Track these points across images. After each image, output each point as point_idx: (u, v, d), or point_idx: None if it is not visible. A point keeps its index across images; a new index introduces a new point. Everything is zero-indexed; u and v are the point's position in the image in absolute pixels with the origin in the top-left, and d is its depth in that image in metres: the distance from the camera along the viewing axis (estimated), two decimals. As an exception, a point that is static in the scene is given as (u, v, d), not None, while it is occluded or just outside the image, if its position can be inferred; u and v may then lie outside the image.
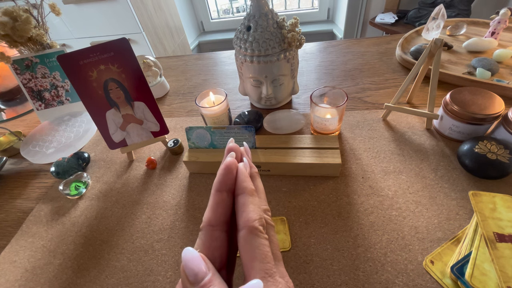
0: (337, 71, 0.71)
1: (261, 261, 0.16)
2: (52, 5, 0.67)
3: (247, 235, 0.17)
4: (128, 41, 0.43)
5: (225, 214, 0.19)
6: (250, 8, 0.49)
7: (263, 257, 0.16)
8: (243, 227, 0.17)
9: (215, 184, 0.19)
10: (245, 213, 0.18)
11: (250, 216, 0.18)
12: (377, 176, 0.43)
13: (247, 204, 0.18)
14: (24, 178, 0.57)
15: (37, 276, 0.39)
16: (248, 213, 0.18)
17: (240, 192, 0.19)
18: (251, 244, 0.17)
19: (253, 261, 0.16)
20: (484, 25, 0.77)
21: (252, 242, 0.17)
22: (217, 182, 0.19)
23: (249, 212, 0.18)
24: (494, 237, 0.31)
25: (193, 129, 0.46)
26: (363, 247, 0.35)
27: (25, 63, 0.65)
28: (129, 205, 0.46)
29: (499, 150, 0.38)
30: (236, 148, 0.22)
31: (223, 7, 2.29)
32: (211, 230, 0.18)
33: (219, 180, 0.19)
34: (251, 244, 0.17)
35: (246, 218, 0.18)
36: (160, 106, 0.70)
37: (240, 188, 0.19)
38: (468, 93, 0.44)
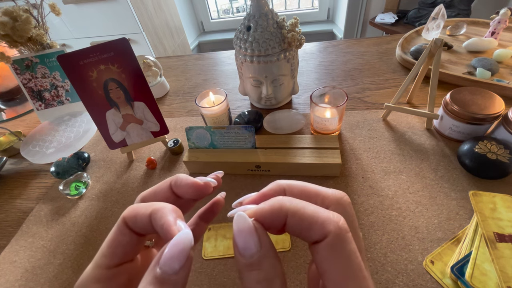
0: (337, 71, 0.71)
1: (354, 278, 0.12)
2: (52, 5, 0.67)
3: (333, 243, 0.12)
4: (128, 41, 0.43)
5: None
6: (250, 8, 0.49)
7: (356, 269, 0.12)
8: (325, 235, 0.12)
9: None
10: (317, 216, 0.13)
11: (328, 215, 0.13)
12: (377, 176, 0.43)
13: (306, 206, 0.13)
14: (24, 178, 0.57)
15: (37, 276, 0.39)
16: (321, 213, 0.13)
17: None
18: (339, 254, 0.12)
19: (347, 280, 0.12)
20: (484, 25, 0.77)
21: (341, 251, 0.12)
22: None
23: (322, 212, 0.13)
24: (494, 237, 0.31)
25: (193, 129, 0.46)
26: (363, 247, 0.35)
27: (25, 63, 0.65)
28: (129, 205, 0.46)
29: (499, 150, 0.38)
30: None
31: (223, 7, 2.29)
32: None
33: None
34: (340, 253, 0.12)
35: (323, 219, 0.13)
36: (160, 106, 0.70)
37: None
38: (468, 93, 0.44)
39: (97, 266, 0.15)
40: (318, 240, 0.12)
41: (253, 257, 0.12)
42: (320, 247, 0.12)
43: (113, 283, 0.15)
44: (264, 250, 0.12)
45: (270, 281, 0.12)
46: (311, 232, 0.13)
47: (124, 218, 0.15)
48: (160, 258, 0.12)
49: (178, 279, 0.12)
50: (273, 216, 0.13)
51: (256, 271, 0.12)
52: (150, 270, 0.12)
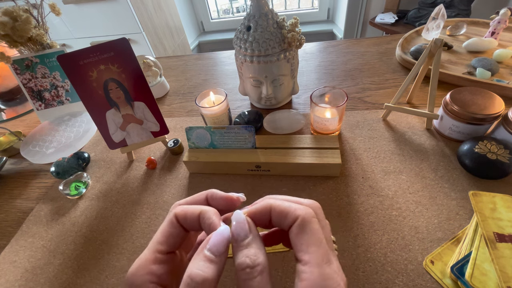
0: (337, 71, 0.71)
1: (318, 247, 0.16)
2: (52, 5, 0.67)
3: (301, 224, 0.17)
4: (128, 41, 0.43)
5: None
6: (250, 8, 0.49)
7: (319, 242, 0.16)
8: (294, 219, 0.17)
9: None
10: (290, 207, 0.17)
11: (298, 206, 0.17)
12: (377, 176, 0.43)
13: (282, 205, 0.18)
14: (24, 178, 0.57)
15: (37, 276, 0.39)
16: (294, 205, 0.17)
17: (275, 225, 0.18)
18: (304, 232, 0.16)
19: (309, 247, 0.16)
20: (484, 25, 0.77)
21: (307, 230, 0.16)
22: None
23: (294, 204, 0.18)
24: (494, 237, 0.31)
25: (193, 129, 0.46)
26: (363, 247, 0.35)
27: (25, 63, 0.65)
28: (129, 205, 0.46)
29: (499, 150, 0.38)
30: None
31: (223, 7, 2.29)
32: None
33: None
34: (306, 231, 0.16)
35: (295, 208, 0.17)
36: (160, 106, 0.70)
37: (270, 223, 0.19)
38: (468, 93, 0.44)
39: (154, 251, 0.18)
40: (291, 224, 0.17)
41: (244, 241, 0.17)
42: (293, 228, 0.17)
43: (166, 267, 0.18)
44: (253, 236, 0.17)
45: (255, 255, 0.16)
46: (286, 219, 0.17)
47: (175, 214, 0.19)
48: (207, 244, 0.17)
49: (221, 260, 0.16)
50: (262, 212, 0.18)
51: (246, 249, 0.16)
52: (199, 252, 0.17)
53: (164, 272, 0.17)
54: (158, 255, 0.18)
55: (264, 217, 0.18)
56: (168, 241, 0.18)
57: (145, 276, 0.17)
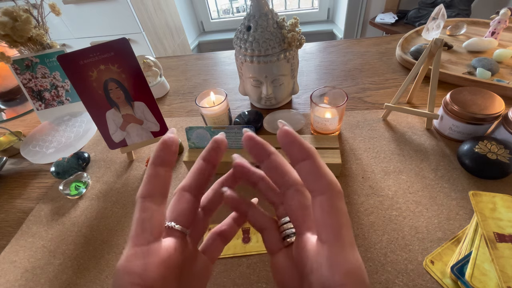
0: (337, 71, 0.71)
1: (349, 229, 0.15)
2: (52, 5, 0.67)
3: (333, 198, 0.16)
4: (128, 41, 0.43)
5: (159, 187, 0.19)
6: (250, 8, 0.49)
7: (349, 224, 0.16)
8: (325, 191, 0.16)
9: (152, 158, 0.19)
10: (324, 177, 0.16)
11: (332, 179, 0.16)
12: (377, 176, 0.43)
13: (322, 167, 0.16)
14: (24, 178, 0.57)
15: (37, 276, 0.39)
16: (329, 176, 0.16)
17: (306, 156, 0.17)
18: (338, 209, 0.15)
19: (342, 228, 0.15)
20: (484, 25, 0.77)
21: (339, 207, 0.15)
22: (153, 156, 0.19)
23: (329, 175, 0.16)
24: (494, 237, 0.31)
25: (193, 129, 0.46)
26: (363, 247, 0.35)
27: (25, 63, 0.65)
28: (129, 205, 0.46)
29: (499, 150, 0.38)
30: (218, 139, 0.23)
31: (223, 7, 2.29)
32: (141, 201, 0.19)
33: (155, 155, 0.19)
34: (338, 209, 0.15)
35: (329, 181, 0.16)
36: (160, 106, 0.70)
37: (304, 152, 0.17)
38: (468, 93, 0.44)
39: (132, 246, 0.16)
40: (320, 191, 0.16)
41: None
42: (323, 200, 0.16)
43: (149, 260, 0.16)
44: None
45: None
46: (318, 181, 0.16)
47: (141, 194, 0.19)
48: None
49: None
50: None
51: None
52: None
53: (149, 268, 0.15)
54: (138, 248, 0.16)
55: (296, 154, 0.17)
56: (143, 229, 0.17)
57: (125, 277, 0.15)
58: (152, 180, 0.19)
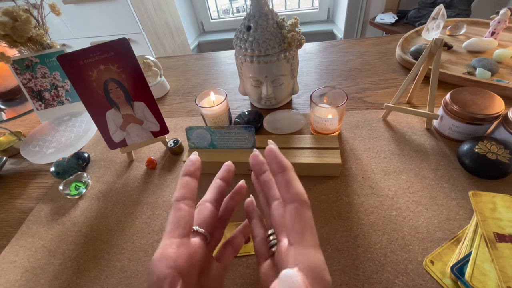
0: (337, 71, 0.71)
1: (312, 232, 0.18)
2: (52, 5, 0.67)
3: (299, 207, 0.19)
4: (128, 41, 0.43)
5: (189, 192, 0.23)
6: (250, 8, 0.49)
7: (312, 229, 0.18)
8: (293, 201, 0.19)
9: (182, 171, 0.24)
10: (293, 188, 0.19)
11: (300, 190, 0.19)
12: (377, 176, 0.43)
13: (292, 180, 0.20)
14: (24, 178, 0.57)
15: (37, 276, 0.39)
16: (297, 187, 0.20)
17: (281, 169, 0.20)
18: (302, 215, 0.18)
19: (305, 231, 0.18)
20: (484, 25, 0.77)
21: (304, 214, 0.18)
22: (183, 170, 0.24)
23: (297, 187, 0.20)
24: (494, 237, 0.31)
25: (193, 129, 0.46)
26: (363, 247, 0.35)
27: (25, 63, 0.65)
28: (129, 205, 0.46)
29: (499, 150, 0.38)
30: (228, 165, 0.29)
31: (223, 7, 2.29)
32: (176, 204, 0.22)
33: (185, 168, 0.24)
34: (303, 215, 0.18)
35: (296, 192, 0.19)
36: (160, 106, 0.70)
37: (280, 166, 0.20)
38: (468, 93, 0.44)
39: (169, 237, 0.21)
40: (289, 200, 0.19)
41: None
42: (290, 207, 0.19)
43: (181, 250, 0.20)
44: None
45: None
46: (288, 192, 0.20)
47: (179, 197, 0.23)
48: None
49: None
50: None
51: None
52: None
53: (180, 256, 0.19)
54: (173, 240, 0.20)
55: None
56: (178, 225, 0.20)
57: (162, 261, 0.18)
58: (184, 187, 0.23)
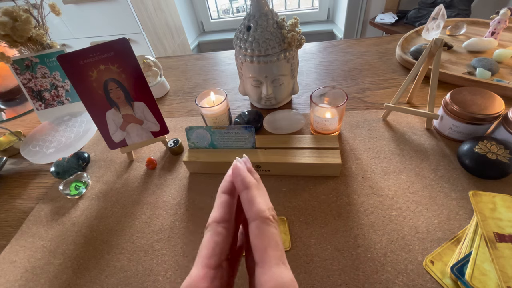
0: (337, 71, 0.71)
1: (275, 249, 0.17)
2: (52, 5, 0.67)
3: (260, 224, 0.18)
4: (128, 41, 0.43)
5: (228, 213, 0.20)
6: (250, 8, 0.49)
7: (275, 244, 0.17)
8: (255, 218, 0.18)
9: (221, 187, 0.21)
10: (254, 206, 0.19)
11: (260, 207, 0.19)
12: (377, 176, 0.43)
13: (254, 197, 0.19)
14: (24, 178, 0.57)
15: (37, 276, 0.39)
16: (258, 204, 0.19)
17: (244, 187, 0.20)
18: (264, 233, 0.18)
19: (267, 249, 0.17)
20: (484, 25, 0.77)
21: (265, 231, 0.18)
22: (222, 186, 0.21)
23: (258, 204, 0.19)
24: (494, 237, 0.31)
25: (193, 129, 0.46)
26: (363, 247, 0.35)
27: (25, 63, 0.65)
28: (129, 205, 0.46)
29: (499, 150, 0.38)
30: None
31: (223, 7, 2.29)
32: (216, 226, 0.19)
33: (224, 185, 0.21)
34: (264, 232, 0.18)
35: (257, 209, 0.18)
36: (160, 106, 0.70)
37: (244, 184, 0.20)
38: (468, 93, 0.44)
39: (203, 266, 0.18)
40: (252, 218, 0.18)
41: None
42: (251, 227, 0.18)
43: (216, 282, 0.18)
44: None
45: None
46: (248, 214, 0.19)
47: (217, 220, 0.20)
48: None
49: None
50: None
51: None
52: None
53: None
54: (208, 271, 0.17)
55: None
56: (215, 252, 0.18)
57: None
58: (224, 207, 0.20)
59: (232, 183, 0.21)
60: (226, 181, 0.22)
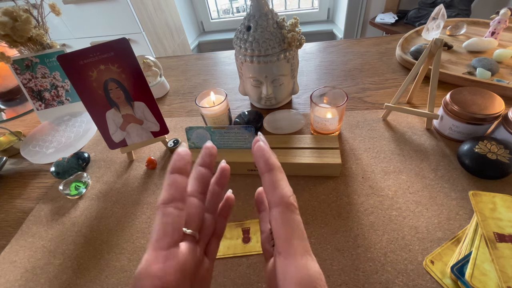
0: (337, 71, 0.71)
1: (300, 239, 0.16)
2: (52, 5, 0.67)
3: (285, 211, 0.17)
4: (128, 41, 0.43)
5: (178, 193, 0.19)
6: (250, 8, 0.49)
7: (302, 234, 0.16)
8: (279, 204, 0.17)
9: (169, 167, 0.20)
10: (278, 190, 0.17)
11: (285, 192, 0.17)
12: (377, 176, 0.43)
13: (279, 181, 0.18)
14: (24, 178, 0.57)
15: (37, 276, 0.39)
16: (282, 189, 0.17)
17: (268, 169, 0.18)
18: (288, 221, 0.16)
19: (292, 238, 0.16)
20: (484, 25, 0.77)
21: (290, 219, 0.17)
22: (170, 165, 0.20)
23: (283, 189, 0.17)
24: (494, 237, 0.31)
25: (193, 129, 0.46)
26: (363, 247, 0.35)
27: (25, 63, 0.65)
28: (129, 205, 0.46)
29: (499, 150, 0.38)
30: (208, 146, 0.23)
31: (223, 7, 2.29)
32: (163, 207, 0.18)
33: (172, 164, 0.19)
34: (289, 220, 0.17)
35: (281, 194, 0.17)
36: (160, 106, 0.70)
37: (267, 165, 0.18)
38: (468, 93, 0.44)
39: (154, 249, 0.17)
40: (275, 202, 0.17)
41: None
42: (275, 213, 0.17)
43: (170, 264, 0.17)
44: None
45: None
46: (271, 197, 0.18)
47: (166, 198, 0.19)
48: None
49: None
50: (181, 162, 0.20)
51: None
52: None
53: (168, 272, 0.16)
54: (159, 253, 0.17)
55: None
56: (165, 233, 0.17)
57: (147, 280, 0.16)
58: (172, 187, 0.19)
59: (181, 161, 0.20)
60: (175, 160, 0.20)
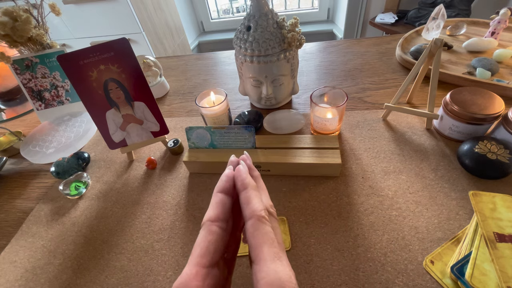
0: (337, 71, 0.71)
1: (270, 246, 0.18)
2: (52, 5, 0.67)
3: (254, 223, 0.19)
4: (128, 41, 0.43)
5: (224, 213, 0.20)
6: (250, 8, 0.49)
7: (270, 241, 0.18)
8: (250, 217, 0.19)
9: (217, 187, 0.22)
10: (250, 205, 0.20)
11: (256, 207, 0.19)
12: (377, 176, 0.43)
13: (251, 198, 0.20)
14: (24, 178, 0.57)
15: (37, 276, 0.39)
16: (254, 204, 0.20)
17: (243, 188, 0.21)
18: (258, 230, 0.18)
19: (262, 246, 0.18)
20: (484, 25, 0.77)
21: (260, 229, 0.18)
22: (218, 186, 0.22)
23: (254, 204, 0.20)
24: (494, 237, 0.31)
25: (193, 129, 0.46)
26: (363, 247, 0.35)
27: (25, 63, 0.65)
28: (129, 205, 0.46)
29: (499, 150, 0.38)
30: (235, 161, 0.25)
31: (223, 7, 2.29)
32: (210, 224, 0.20)
33: (220, 184, 0.22)
34: (259, 230, 0.18)
35: (252, 209, 0.19)
36: (160, 106, 0.70)
37: (242, 185, 0.21)
38: (468, 93, 0.44)
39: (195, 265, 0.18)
40: (247, 216, 0.19)
41: None
42: (247, 225, 0.19)
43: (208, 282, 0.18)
44: None
45: None
46: (245, 213, 0.20)
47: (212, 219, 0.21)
48: None
49: None
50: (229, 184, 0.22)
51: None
52: None
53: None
54: (200, 269, 0.17)
55: None
56: (208, 251, 0.18)
57: None
58: (220, 206, 0.21)
59: (229, 182, 0.22)
60: (222, 180, 0.22)
